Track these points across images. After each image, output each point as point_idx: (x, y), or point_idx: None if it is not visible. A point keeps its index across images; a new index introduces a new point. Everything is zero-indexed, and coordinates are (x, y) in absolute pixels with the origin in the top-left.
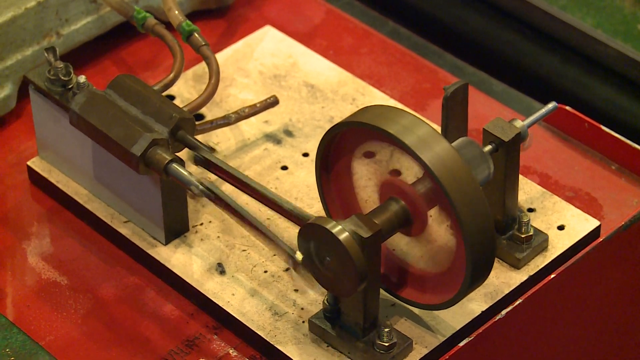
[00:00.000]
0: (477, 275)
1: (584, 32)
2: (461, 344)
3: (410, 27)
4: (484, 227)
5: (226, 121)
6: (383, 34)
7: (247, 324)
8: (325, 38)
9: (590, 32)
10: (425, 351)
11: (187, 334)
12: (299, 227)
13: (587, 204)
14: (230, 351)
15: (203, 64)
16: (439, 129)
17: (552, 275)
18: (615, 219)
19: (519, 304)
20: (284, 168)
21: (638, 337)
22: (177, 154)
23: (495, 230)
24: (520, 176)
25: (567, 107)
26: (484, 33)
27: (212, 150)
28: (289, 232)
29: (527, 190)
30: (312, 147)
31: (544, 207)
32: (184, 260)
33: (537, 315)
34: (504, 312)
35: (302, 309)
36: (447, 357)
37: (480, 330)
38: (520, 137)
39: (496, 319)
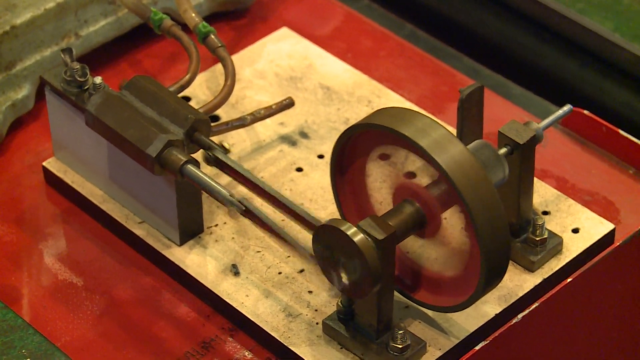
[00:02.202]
0: (492, 277)
1: (602, 36)
2: (477, 347)
3: (428, 30)
4: (498, 230)
5: (242, 122)
6: (401, 37)
7: (260, 325)
8: (343, 41)
9: (608, 36)
10: (438, 353)
11: (203, 335)
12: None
13: (604, 208)
14: (246, 353)
15: (219, 66)
16: (455, 131)
17: (569, 279)
18: (632, 223)
19: (535, 307)
20: (299, 170)
21: None
22: (192, 155)
23: (510, 233)
24: (535, 179)
25: (585, 111)
26: (502, 36)
27: (228, 151)
28: (304, 233)
29: (542, 193)
30: (327, 149)
31: (559, 210)
32: (199, 262)
33: (553, 319)
34: (520, 315)
35: (315, 310)
36: None
37: (496, 334)
38: (535, 140)
39: (512, 323)
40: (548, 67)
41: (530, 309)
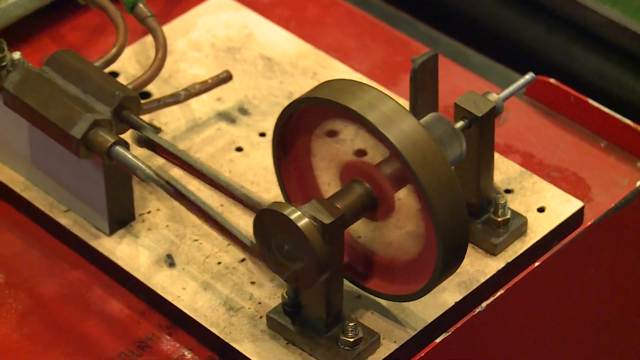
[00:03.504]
0: (449, 262)
1: None
2: (438, 339)
3: None
4: (455, 211)
5: (175, 99)
6: (350, 3)
7: (199, 321)
8: (286, 8)
9: None
10: (394, 346)
11: (138, 334)
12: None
13: (574, 185)
14: (186, 352)
15: (149, 37)
16: (408, 105)
17: (537, 264)
18: (605, 201)
19: (500, 295)
20: (239, 149)
21: (627, 327)
22: (121, 135)
23: (469, 214)
24: (498, 155)
25: (551, 80)
26: (460, 0)
27: (159, 130)
28: (245, 219)
29: (504, 170)
30: (270, 126)
31: (523, 187)
32: (130, 252)
33: (520, 307)
34: (484, 304)
35: (259, 303)
36: (423, 354)
37: (458, 325)
38: (494, 112)
39: (476, 312)
40: (511, 32)
41: (495, 296)
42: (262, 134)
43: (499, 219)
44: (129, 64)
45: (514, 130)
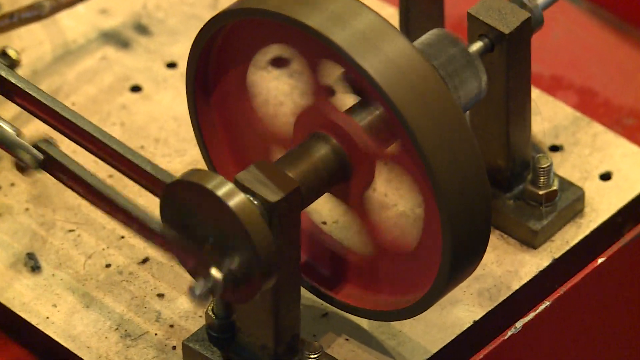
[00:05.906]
0: (462, 259)
1: None
2: None
3: None
4: (470, 179)
5: (36, 13)
6: None
7: (79, 354)
8: None
9: None
10: None
11: None
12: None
13: None
14: None
15: None
16: (397, 19)
17: (600, 260)
18: None
19: (545, 309)
20: (136, 89)
21: None
22: None
23: (495, 185)
24: (538, 92)
25: None
26: None
27: (15, 64)
28: (148, 198)
29: (551, 116)
30: (183, 52)
31: (578, 142)
32: None
33: (573, 326)
34: (519, 323)
35: (170, 326)
36: None
37: (480, 356)
38: (531, 27)
39: (507, 336)
40: None
41: (536, 311)
42: (172, 65)
43: (541, 192)
44: None
45: (564, 54)
